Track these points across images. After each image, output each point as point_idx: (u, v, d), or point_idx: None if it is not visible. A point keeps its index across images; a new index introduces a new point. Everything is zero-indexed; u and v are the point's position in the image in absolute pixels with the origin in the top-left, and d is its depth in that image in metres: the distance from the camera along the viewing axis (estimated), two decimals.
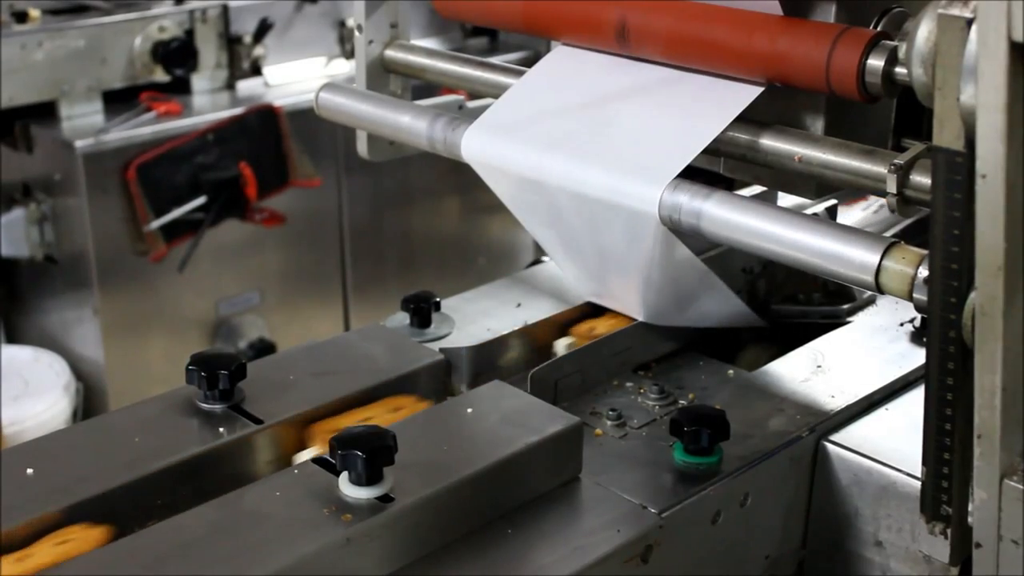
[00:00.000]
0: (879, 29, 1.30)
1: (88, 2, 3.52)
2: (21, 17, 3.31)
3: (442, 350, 1.48)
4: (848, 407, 1.43)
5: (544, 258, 1.81)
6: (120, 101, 3.44)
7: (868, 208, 1.93)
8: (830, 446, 1.38)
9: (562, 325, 1.57)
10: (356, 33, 1.73)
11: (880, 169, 1.24)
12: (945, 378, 1.10)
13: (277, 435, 1.30)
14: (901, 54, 1.21)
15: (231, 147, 3.47)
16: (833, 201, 1.75)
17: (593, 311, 1.58)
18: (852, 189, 1.35)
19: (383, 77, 1.76)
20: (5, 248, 3.39)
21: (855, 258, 1.19)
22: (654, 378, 1.51)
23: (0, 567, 1.08)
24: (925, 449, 1.14)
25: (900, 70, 1.23)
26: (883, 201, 1.24)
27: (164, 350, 3.47)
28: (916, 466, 1.18)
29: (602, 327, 1.54)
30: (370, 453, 1.11)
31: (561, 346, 1.54)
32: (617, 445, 1.37)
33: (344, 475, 1.13)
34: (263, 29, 3.62)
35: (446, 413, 1.32)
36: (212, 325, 3.60)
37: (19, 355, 3.38)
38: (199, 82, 3.59)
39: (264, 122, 3.54)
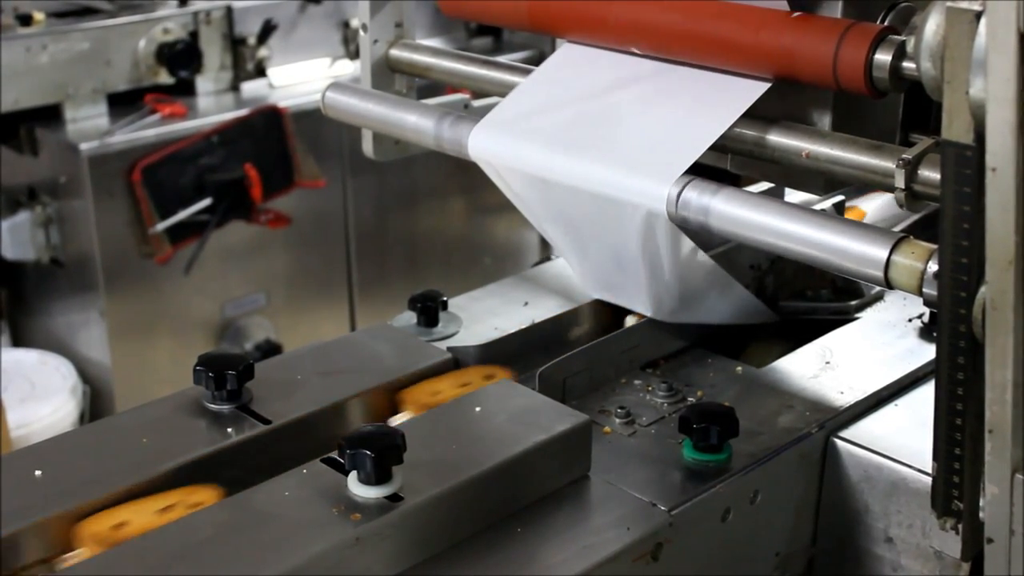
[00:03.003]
0: (886, 24, 1.29)
1: (92, 4, 3.52)
2: (25, 20, 3.31)
3: (450, 349, 1.47)
4: (857, 403, 1.43)
5: (551, 256, 1.81)
6: (125, 103, 3.44)
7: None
8: (840, 442, 1.37)
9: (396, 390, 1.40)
10: (361, 32, 1.73)
11: (888, 164, 1.23)
12: (955, 373, 1.10)
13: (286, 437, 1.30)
14: (909, 48, 1.21)
15: (236, 149, 3.47)
16: (841, 197, 1.75)
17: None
18: (860, 185, 1.34)
19: (388, 77, 1.76)
20: (11, 251, 3.39)
21: (864, 253, 1.18)
22: (662, 375, 1.50)
23: None
24: (936, 444, 1.14)
25: (908, 64, 1.22)
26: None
27: (170, 352, 3.47)
28: (926, 462, 1.17)
29: (448, 390, 1.39)
30: (379, 452, 1.11)
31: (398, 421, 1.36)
32: (626, 443, 1.36)
33: (353, 474, 1.13)
34: (267, 30, 3.63)
35: (454, 412, 1.31)
36: (218, 327, 3.60)
37: (25, 358, 3.38)
38: (203, 84, 3.59)
39: (269, 123, 3.54)
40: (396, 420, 1.35)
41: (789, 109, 1.37)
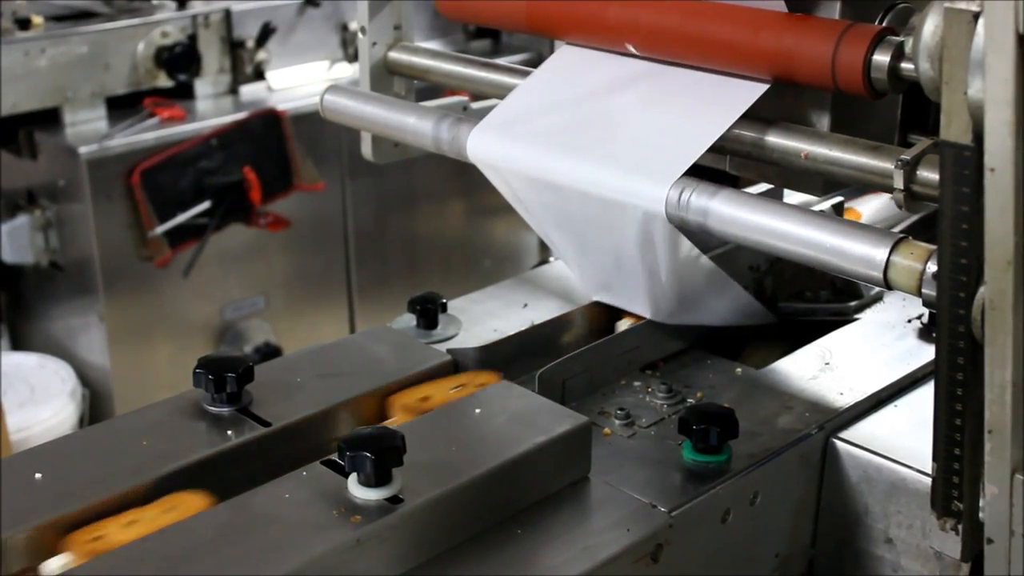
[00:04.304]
0: (884, 25, 1.29)
1: (90, 8, 3.52)
2: (24, 24, 3.31)
3: (449, 351, 1.47)
4: (857, 404, 1.43)
5: (550, 258, 1.81)
6: (124, 107, 3.44)
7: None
8: (839, 443, 1.37)
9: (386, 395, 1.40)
10: (360, 35, 1.73)
11: (887, 165, 1.23)
12: (955, 373, 1.10)
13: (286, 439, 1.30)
14: (907, 49, 1.21)
15: (235, 152, 3.47)
16: (839, 198, 1.75)
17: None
18: (859, 186, 1.35)
19: (387, 79, 1.76)
20: (10, 255, 3.39)
21: (863, 254, 1.18)
22: (662, 377, 1.50)
23: None
24: (935, 445, 1.14)
25: (906, 65, 1.22)
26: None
27: (170, 356, 3.47)
28: (926, 462, 1.17)
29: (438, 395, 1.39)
30: (379, 454, 1.11)
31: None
32: (626, 444, 1.36)
33: (353, 476, 1.13)
34: (266, 33, 3.63)
35: (454, 413, 1.32)
36: (217, 330, 3.60)
37: (25, 362, 3.38)
38: (202, 87, 3.59)
39: (267, 126, 3.54)
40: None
41: (788, 110, 1.38)
